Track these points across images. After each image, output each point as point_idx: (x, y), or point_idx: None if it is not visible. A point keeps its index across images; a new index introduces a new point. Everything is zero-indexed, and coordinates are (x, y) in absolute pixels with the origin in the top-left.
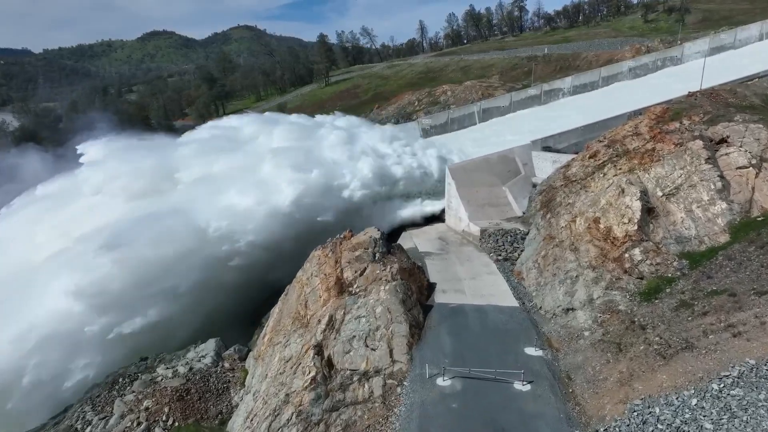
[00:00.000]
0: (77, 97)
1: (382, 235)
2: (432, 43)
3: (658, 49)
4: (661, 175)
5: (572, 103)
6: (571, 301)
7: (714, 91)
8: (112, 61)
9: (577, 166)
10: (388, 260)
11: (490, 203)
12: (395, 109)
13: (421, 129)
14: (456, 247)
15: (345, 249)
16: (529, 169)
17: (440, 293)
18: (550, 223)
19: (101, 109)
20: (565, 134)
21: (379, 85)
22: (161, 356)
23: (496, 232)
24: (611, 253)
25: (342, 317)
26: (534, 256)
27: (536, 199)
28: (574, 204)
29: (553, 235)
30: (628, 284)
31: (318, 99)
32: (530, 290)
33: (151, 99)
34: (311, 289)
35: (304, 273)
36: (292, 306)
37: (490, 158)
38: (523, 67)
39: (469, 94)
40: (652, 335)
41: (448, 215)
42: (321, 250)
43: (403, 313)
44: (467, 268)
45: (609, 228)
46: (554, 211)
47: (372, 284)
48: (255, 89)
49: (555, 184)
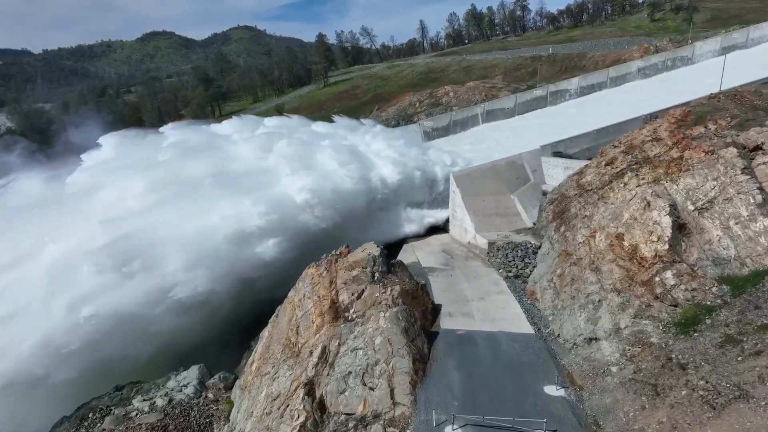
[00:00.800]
0: (70, 98)
1: (381, 252)
2: (433, 43)
3: (667, 49)
4: (691, 186)
5: (580, 105)
6: (594, 330)
7: (738, 92)
8: (111, 61)
9: (592, 173)
10: (389, 281)
11: (498, 213)
12: (395, 111)
13: (422, 132)
14: (462, 262)
15: (341, 267)
16: (539, 175)
17: (446, 317)
18: (565, 238)
19: (94, 111)
20: (576, 138)
21: (379, 86)
22: (138, 385)
23: (505, 245)
24: (639, 275)
25: (336, 348)
26: (548, 275)
27: (547, 209)
28: (592, 217)
29: (569, 251)
30: (661, 312)
31: (316, 100)
32: (546, 314)
33: (145, 100)
34: (303, 313)
35: (296, 293)
36: (283, 330)
37: (497, 164)
38: (527, 67)
39: (472, 95)
40: (695, 377)
41: (453, 225)
42: (314, 268)
43: (406, 345)
44: (475, 287)
45: (635, 246)
46: (569, 224)
47: (371, 309)
48: (252, 90)
49: (568, 193)
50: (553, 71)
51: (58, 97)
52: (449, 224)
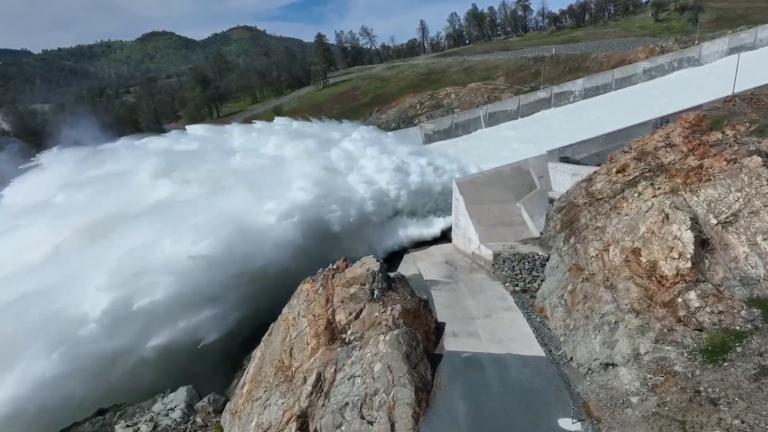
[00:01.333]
0: (66, 99)
1: (381, 267)
2: (433, 43)
3: (673, 50)
4: (713, 198)
5: (586, 107)
6: (611, 354)
7: (754, 95)
8: (111, 61)
9: (602, 181)
10: (389, 299)
11: (503, 222)
12: (396, 113)
13: (423, 134)
14: (465, 274)
15: (338, 284)
16: (545, 182)
17: (450, 337)
18: (575, 250)
19: (90, 111)
20: (584, 143)
21: (379, 87)
22: (122, 408)
23: (511, 257)
24: (659, 295)
25: (332, 376)
26: (559, 290)
27: (555, 218)
28: (605, 229)
29: (580, 265)
30: (685, 337)
31: (315, 101)
32: (557, 333)
33: (141, 101)
34: (298, 333)
35: (290, 311)
36: (276, 351)
37: (502, 171)
38: (529, 68)
39: (474, 97)
40: (728, 416)
41: (456, 234)
42: (310, 283)
43: (408, 373)
44: (480, 303)
45: (653, 263)
46: (579, 235)
47: (369, 330)
48: (251, 91)
49: (577, 202)
50: (557, 72)
51: (57, 97)
52: (452, 233)
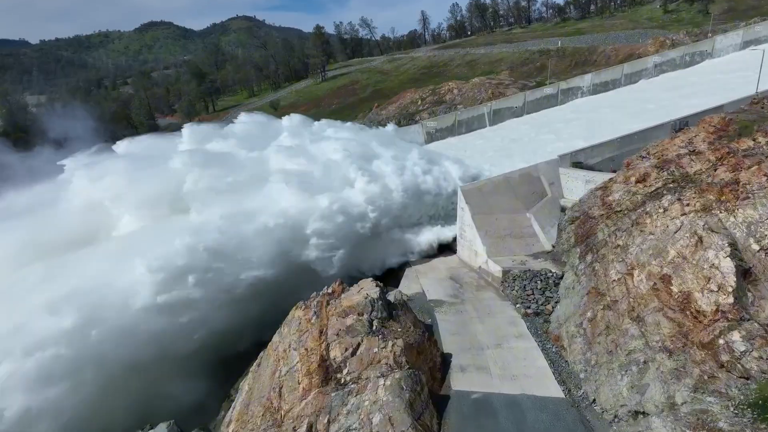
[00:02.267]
0: (60, 92)
1: (381, 293)
2: (435, 34)
3: (684, 43)
4: (753, 219)
5: (594, 104)
6: (641, 401)
7: None
8: (109, 52)
9: (620, 190)
10: (390, 331)
11: (513, 234)
12: (396, 109)
13: (425, 133)
14: (473, 292)
15: (333, 313)
16: (557, 189)
17: (457, 372)
18: (593, 270)
19: (83, 107)
20: (598, 147)
21: (379, 81)
22: None
23: (522, 274)
24: (696, 333)
25: (325, 427)
26: (577, 317)
27: (568, 229)
28: (627, 248)
29: (600, 290)
30: (729, 387)
31: (314, 96)
32: (576, 369)
33: (135, 97)
34: (288, 370)
35: (281, 340)
36: (265, 387)
37: (510, 177)
38: (534, 61)
39: (478, 93)
40: None
41: (461, 246)
42: (303, 309)
43: (411, 426)
44: (489, 329)
45: (687, 294)
46: (597, 253)
47: (368, 369)
48: (248, 84)
49: (592, 213)
50: (563, 66)
51: (54, 88)
52: (457, 244)
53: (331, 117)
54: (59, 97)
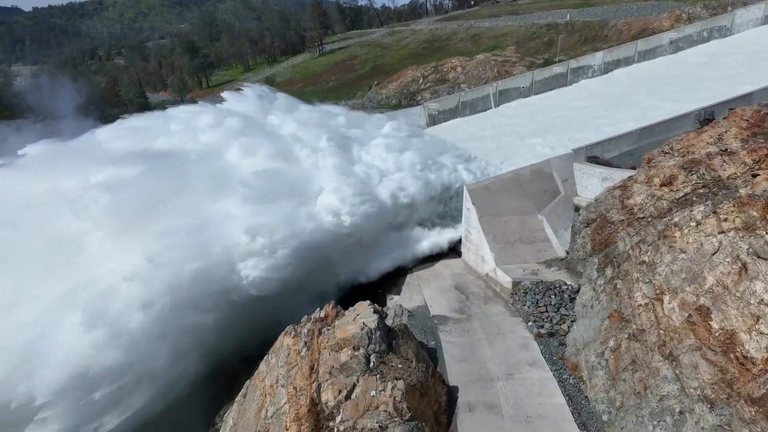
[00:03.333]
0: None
1: (379, 321)
2: (436, 4)
3: (701, 17)
4: None
5: (607, 84)
6: None
7: None
8: (103, 20)
9: (642, 193)
10: (390, 367)
11: (523, 239)
12: (397, 87)
13: (427, 115)
14: (480, 306)
15: (325, 345)
16: (570, 186)
17: (465, 413)
18: (615, 288)
19: (71, 83)
20: (615, 140)
21: (379, 56)
22: None
23: (534, 287)
24: (743, 383)
25: None
26: (597, 344)
27: (583, 233)
28: (654, 267)
29: (624, 314)
30: None
31: (311, 72)
32: (598, 409)
33: (123, 71)
34: (275, 411)
35: (268, 371)
36: (250, 426)
37: (520, 175)
38: (542, 36)
39: (483, 71)
40: None
41: (466, 249)
42: (292, 337)
43: None
44: (499, 353)
45: (731, 334)
46: (619, 268)
47: (364, 418)
48: (243, 58)
49: (611, 217)
50: (572, 42)
51: (47, 58)
52: (462, 246)
53: (329, 95)
54: (49, 70)
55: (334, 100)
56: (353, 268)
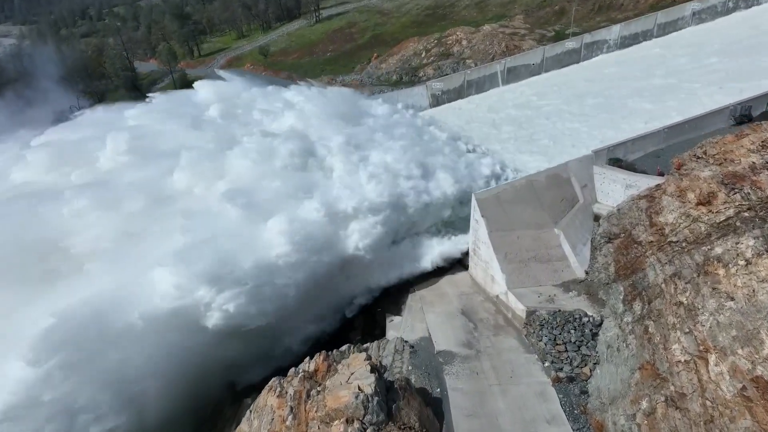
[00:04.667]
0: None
1: (377, 384)
2: None
3: None
4: None
5: (622, 61)
6: None
7: None
8: None
9: (674, 210)
10: None
11: (538, 257)
12: (398, 62)
13: (430, 95)
14: (490, 339)
15: (314, 415)
16: (589, 192)
17: None
18: (646, 331)
19: (54, 49)
20: (639, 140)
21: (379, 24)
22: None
23: (550, 318)
24: None
25: None
26: (627, 403)
27: (604, 249)
28: (695, 313)
29: (659, 370)
30: None
31: (307, 41)
32: None
33: (111, 32)
34: None
35: None
36: None
37: (535, 181)
38: (553, 5)
39: (489, 45)
40: None
41: (474, 264)
42: (277, 397)
43: None
44: (513, 404)
45: None
46: (650, 305)
47: None
48: (236, 24)
49: (637, 234)
50: (584, 11)
51: (37, 17)
52: (469, 260)
53: (326, 67)
54: (37, 31)
55: (331, 74)
56: (350, 288)
